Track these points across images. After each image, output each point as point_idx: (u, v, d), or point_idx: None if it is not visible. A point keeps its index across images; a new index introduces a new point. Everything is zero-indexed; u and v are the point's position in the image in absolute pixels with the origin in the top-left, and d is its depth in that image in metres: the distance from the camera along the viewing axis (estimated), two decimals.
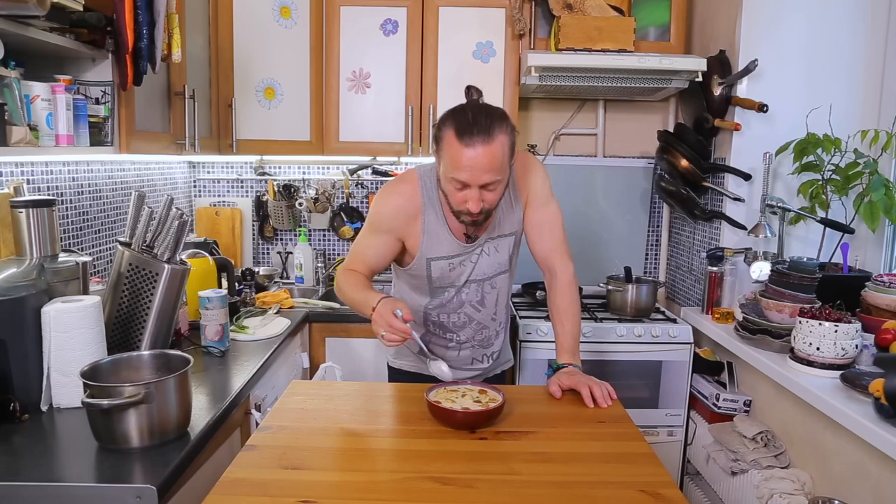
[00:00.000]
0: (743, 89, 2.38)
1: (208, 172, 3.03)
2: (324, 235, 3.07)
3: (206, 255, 2.21)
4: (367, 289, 1.54)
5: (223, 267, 2.26)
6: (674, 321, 2.57)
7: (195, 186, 3.05)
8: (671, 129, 2.78)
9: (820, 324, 1.77)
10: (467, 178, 1.41)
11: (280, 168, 3.02)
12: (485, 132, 1.38)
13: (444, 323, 1.70)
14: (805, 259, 2.08)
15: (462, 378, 1.58)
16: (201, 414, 1.43)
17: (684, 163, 2.54)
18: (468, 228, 1.57)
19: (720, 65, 2.42)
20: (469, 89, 1.52)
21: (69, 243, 2.02)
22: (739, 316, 2.19)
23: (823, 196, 2.24)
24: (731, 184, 2.43)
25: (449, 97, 2.63)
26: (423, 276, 1.64)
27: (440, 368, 1.51)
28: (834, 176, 2.21)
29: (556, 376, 1.54)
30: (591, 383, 1.49)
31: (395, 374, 1.83)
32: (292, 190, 2.94)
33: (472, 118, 1.40)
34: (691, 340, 2.47)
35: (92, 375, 1.28)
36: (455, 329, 1.71)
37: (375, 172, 2.95)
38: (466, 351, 1.74)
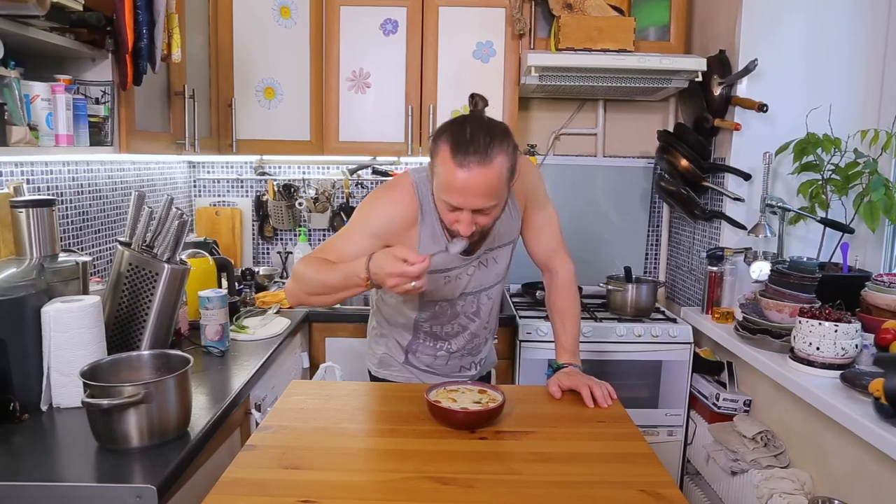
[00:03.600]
0: (743, 89, 2.38)
1: (208, 172, 3.03)
2: (324, 235, 3.07)
3: (206, 255, 2.21)
4: (343, 263, 1.36)
5: (223, 267, 2.26)
6: (674, 321, 2.57)
7: (195, 186, 3.05)
8: (671, 129, 2.78)
9: (820, 324, 1.76)
10: (459, 202, 1.31)
11: (280, 168, 3.02)
12: (482, 153, 1.26)
13: (436, 333, 1.64)
14: (805, 259, 2.08)
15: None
16: (201, 414, 1.43)
17: (684, 163, 2.54)
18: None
19: (720, 65, 2.42)
20: (473, 97, 1.41)
21: (69, 243, 2.02)
22: (739, 316, 2.19)
23: (823, 196, 2.24)
24: (731, 184, 2.43)
25: (449, 97, 2.63)
26: None
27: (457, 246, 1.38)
28: (834, 176, 2.21)
29: (556, 376, 1.53)
30: (591, 383, 1.48)
31: (376, 381, 1.77)
32: (292, 190, 2.94)
33: (471, 135, 1.28)
34: (691, 340, 2.47)
35: (92, 375, 1.28)
36: (447, 338, 1.65)
37: (375, 172, 2.95)
38: (455, 360, 1.70)
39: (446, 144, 1.30)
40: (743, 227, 2.37)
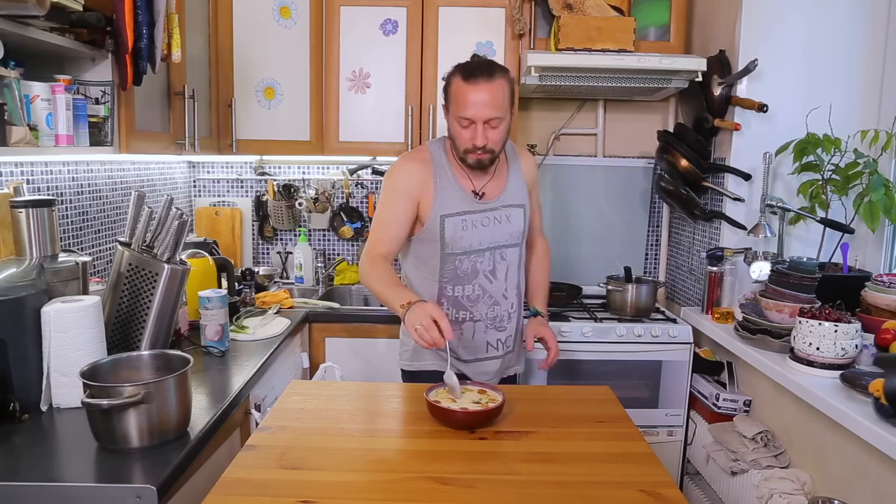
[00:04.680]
0: (743, 89, 2.38)
1: (208, 172, 3.03)
2: (324, 235, 3.07)
3: (206, 255, 2.21)
4: (399, 286, 1.60)
5: (223, 267, 2.26)
6: (674, 321, 2.57)
7: (195, 186, 3.05)
8: (671, 129, 2.78)
9: (820, 324, 1.77)
10: (472, 115, 1.59)
11: (280, 168, 3.02)
12: (487, 73, 1.60)
13: (458, 298, 1.76)
14: (805, 259, 2.07)
15: (476, 380, 1.63)
16: (201, 414, 1.43)
17: (684, 163, 2.54)
18: (476, 183, 1.72)
19: (720, 65, 2.42)
20: (475, 56, 1.73)
21: (69, 243, 2.02)
22: (739, 316, 2.19)
23: (823, 196, 2.24)
24: (731, 184, 2.43)
25: None
26: (436, 238, 1.70)
27: (452, 378, 1.48)
28: (834, 176, 2.21)
29: (533, 326, 1.85)
30: (555, 345, 1.83)
31: (410, 378, 1.82)
32: (292, 190, 2.94)
33: (476, 64, 1.63)
34: (691, 340, 2.47)
35: (92, 375, 1.28)
36: (469, 305, 1.77)
37: (375, 172, 2.95)
38: (480, 333, 1.78)
39: (457, 75, 1.63)
40: (743, 228, 2.37)
